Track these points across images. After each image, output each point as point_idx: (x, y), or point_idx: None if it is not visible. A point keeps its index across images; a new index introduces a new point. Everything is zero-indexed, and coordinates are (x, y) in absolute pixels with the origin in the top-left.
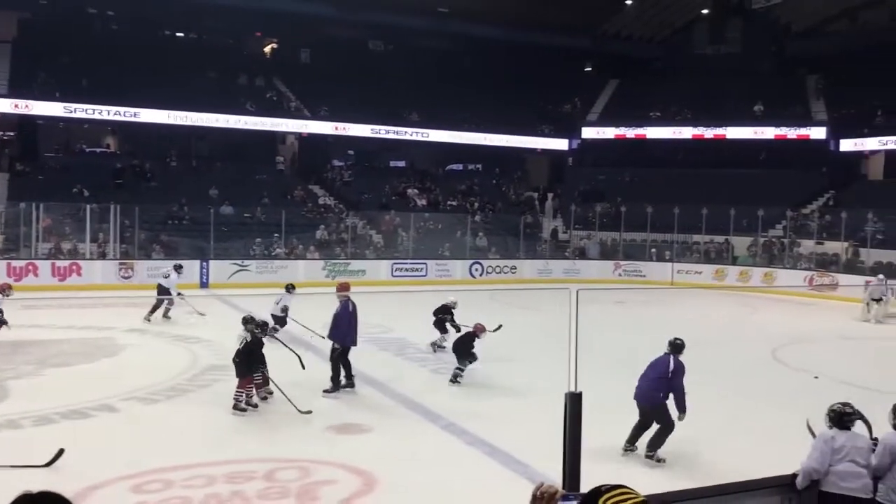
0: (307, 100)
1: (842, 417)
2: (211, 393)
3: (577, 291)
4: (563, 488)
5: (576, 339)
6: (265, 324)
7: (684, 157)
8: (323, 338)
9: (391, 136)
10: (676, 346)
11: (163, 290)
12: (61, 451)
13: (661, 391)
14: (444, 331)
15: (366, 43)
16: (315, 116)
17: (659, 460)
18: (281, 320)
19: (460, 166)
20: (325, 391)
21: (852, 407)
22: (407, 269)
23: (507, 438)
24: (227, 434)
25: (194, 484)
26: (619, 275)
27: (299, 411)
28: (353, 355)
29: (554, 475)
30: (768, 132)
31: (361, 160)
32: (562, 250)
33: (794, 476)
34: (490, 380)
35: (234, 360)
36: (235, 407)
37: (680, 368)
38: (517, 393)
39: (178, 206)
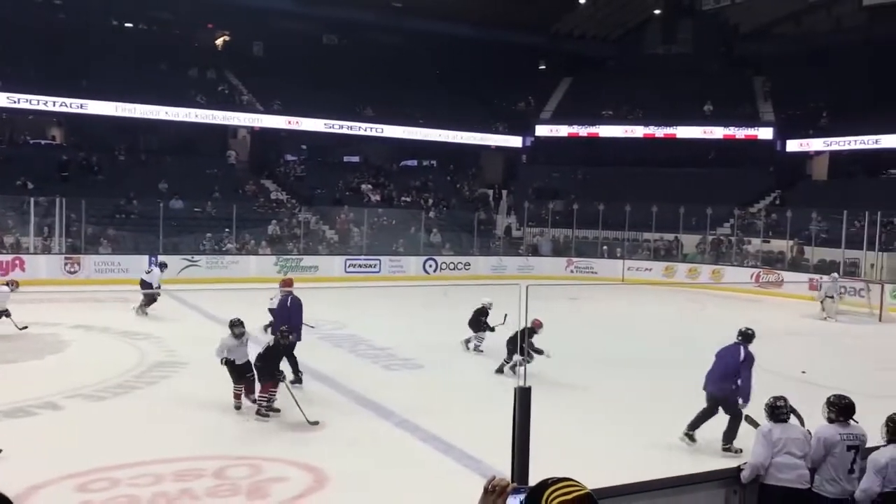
0: (260, 93)
1: (773, 411)
2: (159, 390)
3: (527, 287)
4: (513, 481)
5: (524, 333)
6: (290, 330)
7: (636, 156)
8: (312, 327)
9: (345, 131)
10: (747, 336)
11: (145, 285)
12: None
13: (733, 381)
14: (479, 329)
15: (320, 37)
16: (268, 110)
17: (736, 451)
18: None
19: (414, 162)
20: None
21: (784, 400)
22: (360, 266)
23: (460, 434)
24: (176, 432)
25: (141, 482)
26: (572, 271)
27: (308, 422)
28: (306, 351)
29: (508, 470)
30: (717, 132)
31: (315, 155)
32: (515, 247)
33: (739, 469)
34: (443, 376)
35: (255, 364)
36: (258, 412)
37: (749, 358)
38: (470, 388)
39: (127, 200)
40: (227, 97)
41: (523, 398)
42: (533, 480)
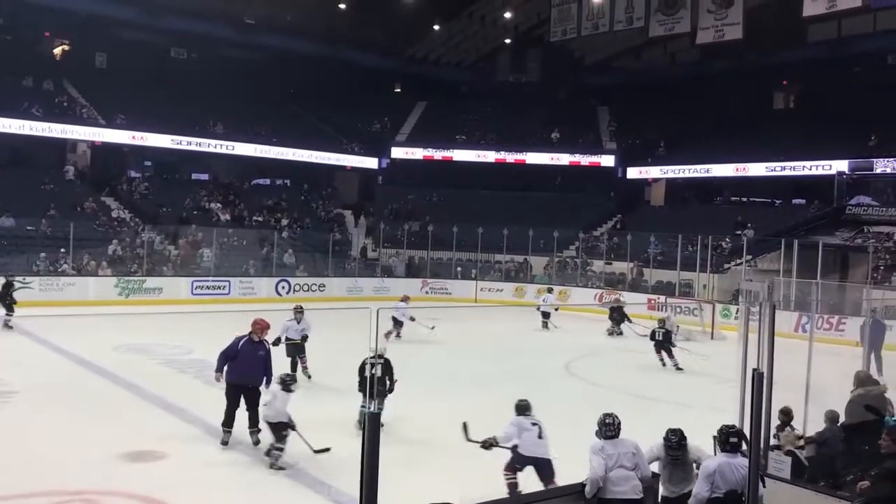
0: (102, 106)
1: (601, 428)
2: None
3: (378, 311)
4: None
5: (375, 357)
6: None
7: (488, 180)
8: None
9: (193, 147)
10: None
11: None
12: None
13: None
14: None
15: (168, 50)
16: (110, 124)
17: None
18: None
19: (267, 181)
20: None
21: (613, 417)
22: (208, 287)
23: (310, 460)
24: (5, 466)
25: None
26: (427, 292)
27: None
28: (148, 377)
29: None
30: (564, 159)
31: (160, 171)
32: (371, 268)
33: (583, 485)
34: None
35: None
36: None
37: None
38: (319, 414)
39: None
40: (65, 109)
41: (373, 422)
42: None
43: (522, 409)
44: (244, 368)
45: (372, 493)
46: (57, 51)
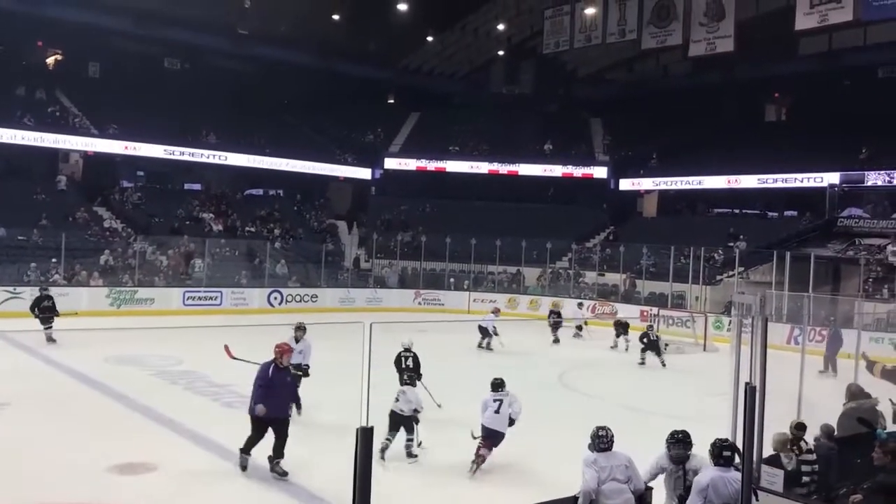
0: (94, 116)
1: (594, 440)
2: None
3: (371, 325)
4: None
5: (368, 372)
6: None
7: (481, 191)
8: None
9: (186, 157)
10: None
11: (484, 330)
12: None
13: None
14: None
15: (161, 60)
16: (102, 134)
17: None
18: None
19: (260, 191)
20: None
21: (606, 430)
22: (200, 298)
23: (305, 475)
24: None
25: None
26: (420, 303)
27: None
28: (138, 387)
29: None
30: (556, 170)
31: (153, 181)
32: (364, 279)
33: (576, 497)
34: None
35: None
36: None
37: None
38: (315, 429)
39: None
40: (58, 119)
41: (365, 438)
42: None
43: (494, 386)
44: (279, 400)
45: None
46: (49, 60)
